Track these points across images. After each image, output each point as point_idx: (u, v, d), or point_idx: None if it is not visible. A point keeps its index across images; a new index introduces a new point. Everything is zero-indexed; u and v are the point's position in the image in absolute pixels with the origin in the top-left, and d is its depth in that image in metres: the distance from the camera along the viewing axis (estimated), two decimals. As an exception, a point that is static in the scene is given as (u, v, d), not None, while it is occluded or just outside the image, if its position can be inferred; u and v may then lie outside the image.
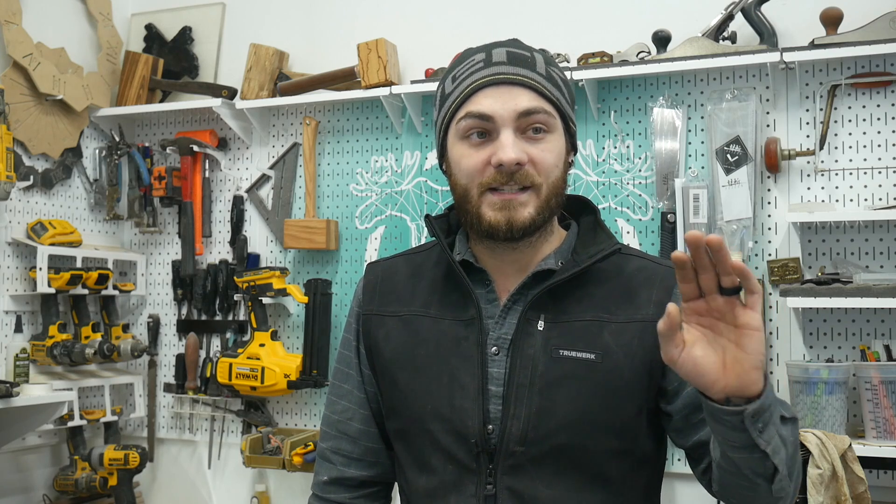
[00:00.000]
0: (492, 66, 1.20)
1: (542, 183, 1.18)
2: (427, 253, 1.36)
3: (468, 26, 2.70)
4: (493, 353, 1.21)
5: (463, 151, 1.20)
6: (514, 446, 1.18)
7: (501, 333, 1.22)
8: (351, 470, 1.36)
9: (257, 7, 3.00)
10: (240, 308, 2.91)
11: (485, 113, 1.17)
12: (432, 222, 1.30)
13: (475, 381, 1.20)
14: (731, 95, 2.34)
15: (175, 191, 2.90)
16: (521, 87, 1.18)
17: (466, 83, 1.20)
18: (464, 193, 1.21)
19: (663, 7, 2.48)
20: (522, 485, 1.18)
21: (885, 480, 2.20)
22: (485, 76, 1.19)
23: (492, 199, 1.18)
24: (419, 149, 2.72)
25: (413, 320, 1.29)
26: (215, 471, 2.96)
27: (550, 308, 1.22)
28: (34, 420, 2.49)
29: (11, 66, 2.66)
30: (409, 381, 1.26)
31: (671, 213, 2.37)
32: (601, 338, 1.20)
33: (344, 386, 1.37)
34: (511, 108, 1.17)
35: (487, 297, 1.25)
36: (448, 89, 1.24)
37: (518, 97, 1.17)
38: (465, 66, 1.23)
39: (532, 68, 1.20)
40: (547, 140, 1.19)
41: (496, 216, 1.18)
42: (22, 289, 2.70)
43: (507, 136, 1.17)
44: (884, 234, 2.24)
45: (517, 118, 1.17)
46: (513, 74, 1.18)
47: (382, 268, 1.38)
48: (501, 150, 1.16)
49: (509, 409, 1.18)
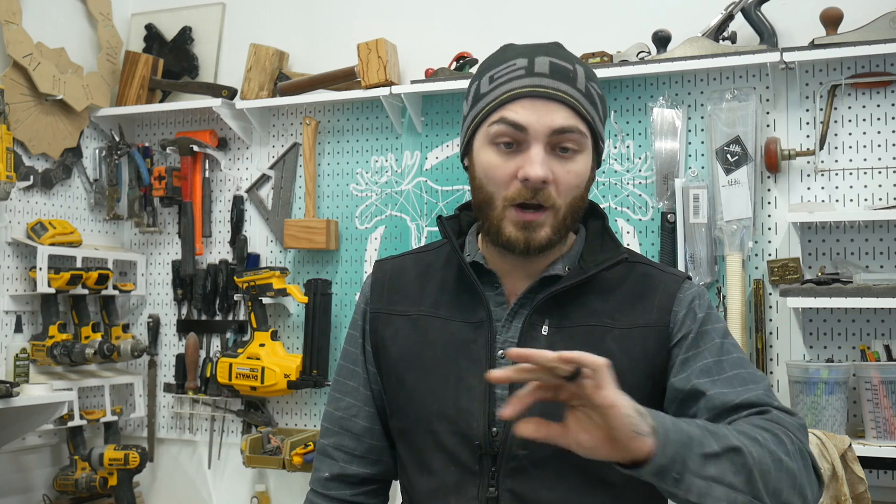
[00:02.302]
0: (533, 77, 1.18)
1: (561, 205, 1.18)
2: (436, 252, 1.36)
3: (468, 26, 2.70)
4: (500, 356, 1.22)
5: (491, 159, 1.19)
6: (517, 449, 1.18)
7: (508, 337, 1.22)
8: (353, 467, 1.35)
9: (257, 7, 3.00)
10: (240, 308, 2.91)
11: (520, 123, 1.16)
12: (444, 224, 1.30)
13: (482, 383, 1.20)
14: (731, 95, 2.34)
15: (175, 191, 2.90)
16: (559, 102, 1.17)
17: (505, 89, 1.18)
18: (488, 200, 1.20)
19: (663, 7, 2.48)
20: (524, 488, 1.18)
21: (885, 480, 2.20)
22: (525, 86, 1.17)
23: (514, 217, 1.18)
24: (419, 149, 2.72)
25: (421, 321, 1.28)
26: (215, 471, 2.96)
27: (555, 314, 1.22)
28: (34, 420, 2.49)
29: (11, 66, 2.66)
30: (415, 381, 1.26)
31: (671, 213, 2.37)
32: (605, 343, 1.20)
33: (349, 383, 1.36)
34: (546, 123, 1.16)
35: (496, 300, 1.25)
36: (484, 89, 1.22)
37: (555, 113, 1.16)
38: (505, 68, 1.20)
39: (573, 84, 1.18)
40: (574, 160, 1.19)
41: (516, 234, 1.18)
42: (22, 289, 2.70)
43: (537, 152, 1.16)
44: (884, 234, 2.24)
45: (550, 134, 1.16)
46: (553, 89, 1.17)
47: (391, 266, 1.37)
48: (530, 166, 1.15)
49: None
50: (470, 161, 1.25)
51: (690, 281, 1.28)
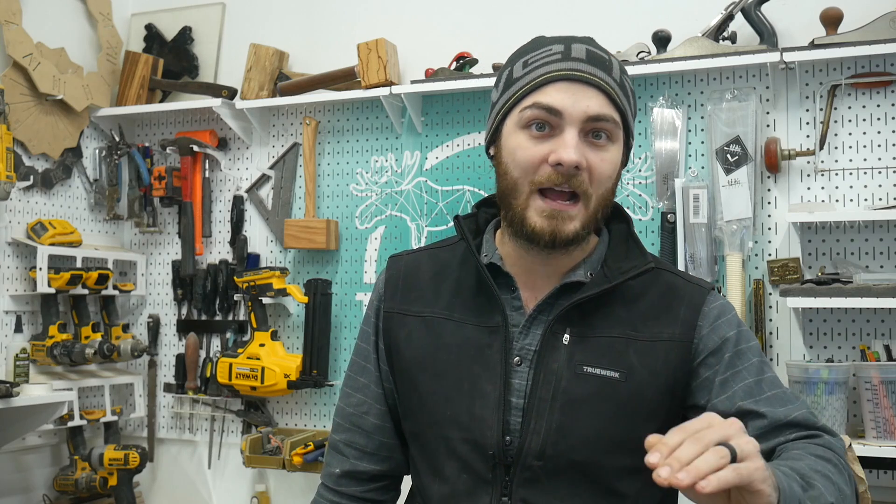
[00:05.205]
0: (570, 61, 1.14)
1: (593, 194, 1.15)
2: (452, 249, 1.32)
3: (468, 26, 2.71)
4: (515, 363, 1.19)
5: (520, 142, 1.15)
6: (532, 460, 1.16)
7: (525, 344, 1.20)
8: (364, 464, 1.34)
9: (257, 7, 3.00)
10: (240, 308, 2.91)
11: (554, 107, 1.12)
12: (461, 223, 1.26)
13: (496, 390, 1.18)
14: (731, 95, 2.34)
15: (175, 191, 2.90)
16: (595, 88, 1.14)
17: (540, 72, 1.15)
18: (513, 186, 1.16)
19: (663, 7, 2.48)
20: (538, 498, 1.17)
21: (885, 480, 2.20)
22: (561, 69, 1.14)
23: (541, 206, 1.14)
24: (419, 149, 2.72)
25: (436, 323, 1.26)
26: (215, 471, 2.96)
27: (577, 322, 1.19)
28: (34, 420, 2.49)
29: (11, 66, 2.66)
30: (428, 385, 1.24)
31: (671, 213, 2.37)
32: (626, 356, 1.17)
33: (360, 379, 1.35)
34: (582, 108, 1.12)
35: (512, 304, 1.22)
36: (517, 74, 1.18)
37: (591, 98, 1.13)
38: (540, 53, 1.17)
39: (609, 72, 1.16)
40: (607, 149, 1.16)
41: (542, 224, 1.14)
42: (22, 289, 2.70)
43: (571, 136, 1.12)
44: (884, 234, 2.24)
45: (585, 120, 1.13)
46: (590, 74, 1.14)
47: (406, 262, 1.35)
48: (563, 150, 1.11)
49: (529, 423, 1.17)
50: (497, 149, 1.21)
51: (715, 293, 1.25)
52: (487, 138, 1.25)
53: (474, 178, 2.65)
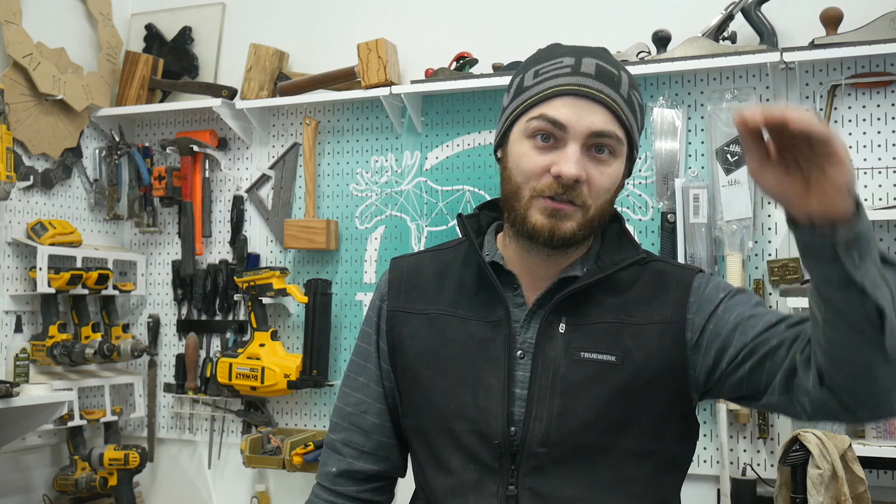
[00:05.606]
0: (578, 76, 1.18)
1: (592, 205, 1.19)
2: (454, 251, 1.36)
3: (468, 26, 2.71)
4: (518, 356, 1.22)
5: (525, 150, 1.19)
6: (536, 447, 1.19)
7: (527, 337, 1.23)
8: (361, 463, 1.36)
9: (257, 7, 3.00)
10: (240, 308, 2.91)
11: (559, 120, 1.16)
12: (464, 222, 1.30)
13: (500, 382, 1.21)
14: (731, 95, 2.34)
15: (175, 191, 2.90)
16: (601, 105, 1.17)
17: (549, 84, 1.19)
18: (515, 191, 1.20)
19: (663, 7, 2.49)
20: (544, 485, 1.19)
21: (885, 480, 2.20)
22: (569, 84, 1.18)
23: (542, 205, 1.18)
24: (419, 149, 2.72)
25: (439, 319, 1.29)
26: (215, 471, 2.96)
27: (572, 312, 1.22)
28: (34, 420, 2.49)
29: (11, 66, 2.66)
30: (433, 379, 1.27)
31: (671, 213, 2.37)
32: (621, 340, 1.20)
33: (360, 378, 1.37)
34: (586, 124, 1.16)
35: (515, 301, 1.25)
36: (528, 83, 1.22)
37: (595, 115, 1.17)
38: (551, 65, 1.21)
39: (616, 88, 1.19)
40: (609, 164, 1.19)
41: (542, 221, 1.18)
42: (22, 289, 2.70)
43: (573, 150, 1.16)
44: (884, 234, 2.24)
45: (589, 135, 1.17)
46: (597, 91, 1.17)
47: (408, 263, 1.38)
48: (564, 163, 1.15)
49: (531, 410, 1.19)
50: (504, 153, 1.25)
51: (704, 274, 1.28)
52: (496, 141, 1.29)
53: (474, 178, 2.65)
